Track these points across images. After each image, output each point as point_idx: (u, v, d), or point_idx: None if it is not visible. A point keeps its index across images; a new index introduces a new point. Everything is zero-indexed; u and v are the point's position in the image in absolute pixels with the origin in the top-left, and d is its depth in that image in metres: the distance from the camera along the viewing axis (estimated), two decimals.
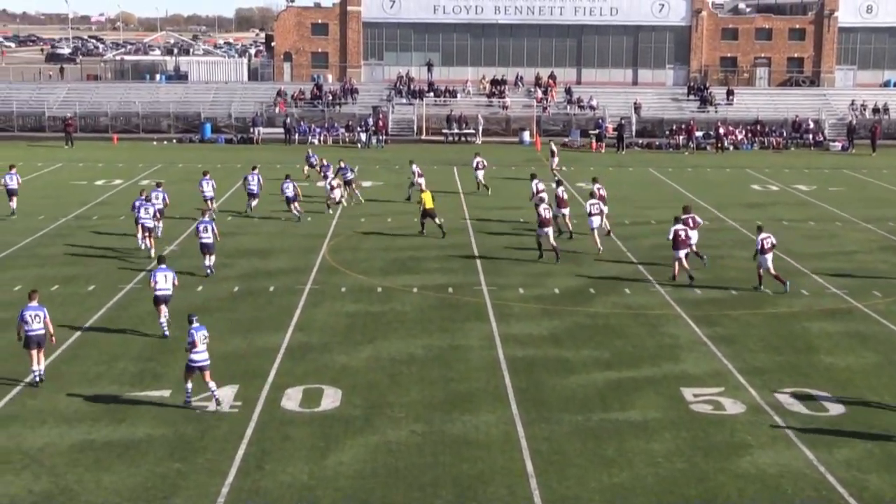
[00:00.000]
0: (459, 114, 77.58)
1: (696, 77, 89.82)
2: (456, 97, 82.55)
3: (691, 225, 34.71)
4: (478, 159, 51.46)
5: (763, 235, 32.04)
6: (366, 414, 21.83)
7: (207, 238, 33.95)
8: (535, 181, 42.82)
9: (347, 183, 47.82)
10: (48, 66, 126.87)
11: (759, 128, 77.09)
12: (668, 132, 76.57)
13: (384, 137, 73.48)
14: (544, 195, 39.79)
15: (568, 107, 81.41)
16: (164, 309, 27.22)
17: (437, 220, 40.23)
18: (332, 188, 45.96)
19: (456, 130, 76.05)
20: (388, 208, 46.39)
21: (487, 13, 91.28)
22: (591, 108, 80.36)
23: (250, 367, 24.66)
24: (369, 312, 29.66)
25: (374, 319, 28.93)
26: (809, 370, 25.04)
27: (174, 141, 75.01)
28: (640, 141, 75.85)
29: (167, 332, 26.97)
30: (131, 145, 72.10)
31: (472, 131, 76.09)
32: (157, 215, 38.52)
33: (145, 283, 32.25)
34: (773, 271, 32.06)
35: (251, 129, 75.65)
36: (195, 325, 22.17)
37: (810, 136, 76.57)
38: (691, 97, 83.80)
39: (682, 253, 33.10)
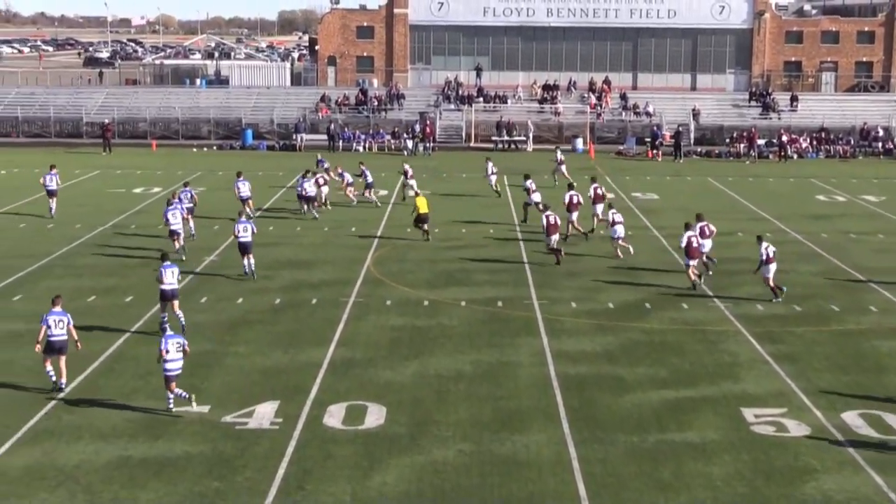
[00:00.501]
0: (509, 120, 77.53)
1: (758, 82, 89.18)
2: (506, 103, 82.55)
3: (707, 233, 35.78)
4: (490, 164, 54.03)
5: (765, 245, 32.56)
6: (411, 432, 21.83)
7: (246, 237, 34.84)
8: (529, 181, 46.06)
9: (368, 186, 49.58)
10: (86, 70, 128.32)
11: (824, 135, 76.34)
12: (728, 140, 76.02)
13: (431, 145, 73.61)
14: (537, 196, 43.95)
15: (623, 113, 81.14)
16: (171, 304, 28.53)
17: (425, 227, 41.47)
18: (349, 183, 49.25)
19: (506, 138, 75.99)
20: (434, 218, 46.44)
21: (539, 15, 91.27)
22: (648, 114, 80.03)
23: (291, 383, 24.76)
24: (415, 326, 29.69)
25: (421, 334, 28.96)
26: (879, 391, 24.74)
27: (214, 148, 75.55)
28: (699, 149, 75.36)
29: (183, 323, 28.40)
30: (170, 152, 72.70)
31: (522, 138, 76.01)
32: (187, 214, 39.67)
33: (184, 295, 32.51)
34: (772, 283, 32.47)
35: (294, 136, 75.99)
36: (168, 332, 23.32)
37: (879, 145, 75.69)
38: (753, 103, 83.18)
39: (694, 262, 34.11)
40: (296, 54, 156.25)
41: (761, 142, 74.32)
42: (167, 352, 22.70)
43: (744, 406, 23.53)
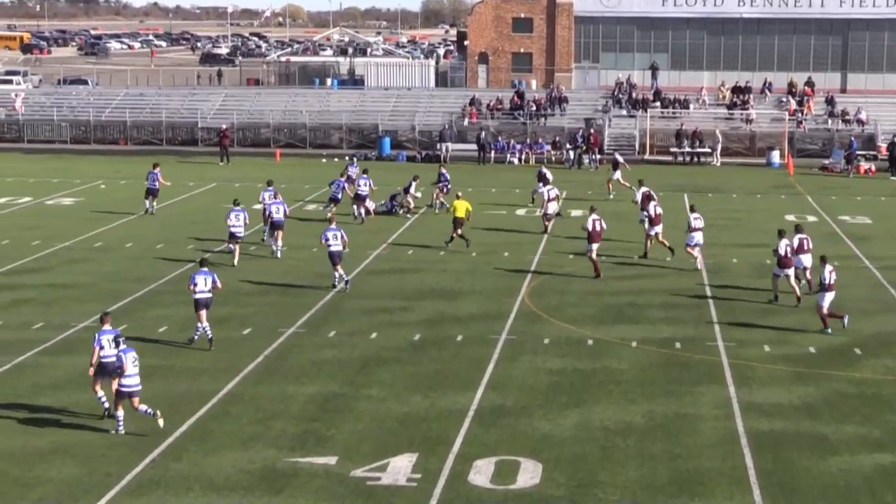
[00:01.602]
0: (692, 128, 76.89)
1: None
2: (688, 108, 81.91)
3: (805, 248, 37.07)
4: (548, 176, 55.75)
5: (829, 268, 33.23)
6: (571, 494, 21.72)
7: (336, 246, 37.75)
8: (546, 187, 49.52)
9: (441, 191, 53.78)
10: (203, 68, 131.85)
11: None
12: None
13: (598, 157, 73.37)
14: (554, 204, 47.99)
15: (829, 121, 79.72)
16: (203, 314, 30.70)
17: (460, 231, 44.25)
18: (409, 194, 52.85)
19: (687, 149, 75.36)
20: (603, 244, 46.22)
21: (728, 5, 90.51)
22: (860, 122, 78.46)
23: (432, 433, 24.85)
24: (577, 370, 29.57)
25: (584, 379, 28.82)
26: None
27: (346, 158, 76.50)
28: None
29: (198, 336, 30.91)
30: (297, 162, 73.94)
31: (707, 150, 75.28)
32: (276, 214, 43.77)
33: (309, 328, 33.04)
34: (825, 310, 33.23)
35: (438, 145, 76.61)
36: (123, 346, 24.38)
37: None
38: None
39: (787, 271, 36.07)
40: (441, 51, 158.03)
41: None
42: (123, 368, 24.12)
43: None
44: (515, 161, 74.83)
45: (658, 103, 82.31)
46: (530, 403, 26.90)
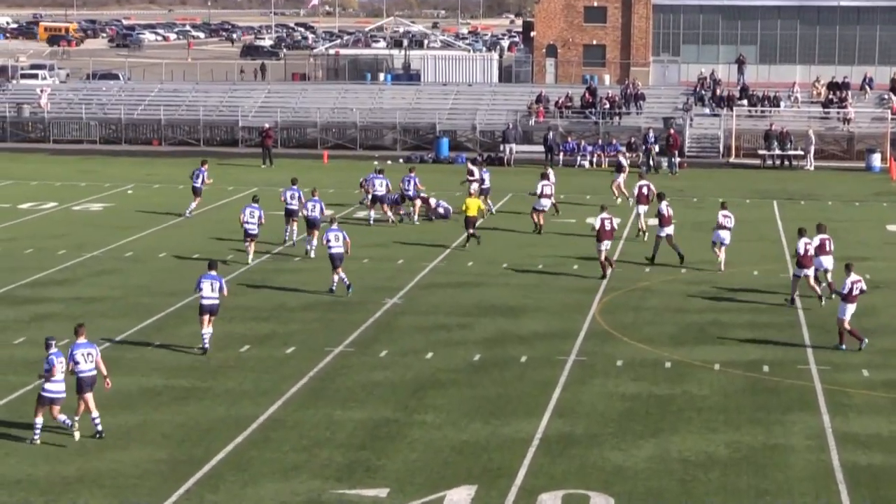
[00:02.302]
0: (782, 129, 76.48)
1: None
2: (778, 106, 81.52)
3: (826, 249, 38.57)
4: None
5: (852, 278, 33.62)
6: None
7: (338, 248, 39.11)
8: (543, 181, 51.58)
9: (484, 192, 54.23)
10: (244, 62, 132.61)
11: None
12: None
13: (678, 160, 73.11)
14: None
15: None
16: (206, 320, 32.25)
17: (472, 230, 46.66)
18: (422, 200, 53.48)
19: (777, 151, 74.99)
20: (685, 255, 46.14)
21: None
22: None
23: (493, 464, 24.87)
24: (654, 395, 29.51)
25: (661, 405, 28.76)
26: None
27: (401, 160, 76.61)
28: None
29: (207, 346, 32.22)
30: (346, 165, 74.07)
31: (799, 152, 74.87)
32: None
33: (359, 347, 33.16)
34: (847, 325, 33.60)
35: (501, 147, 76.63)
36: (53, 350, 25.33)
37: None
38: None
39: (807, 271, 37.70)
40: (506, 43, 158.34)
41: None
42: (52, 372, 25.26)
43: None
44: (586, 164, 74.78)
45: (745, 101, 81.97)
46: (601, 432, 26.87)
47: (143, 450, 25.22)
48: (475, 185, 53.23)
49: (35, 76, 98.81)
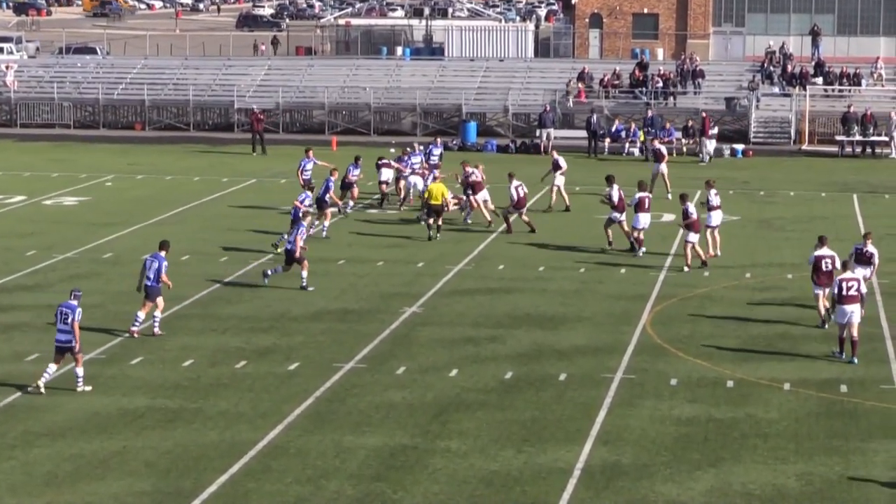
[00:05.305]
0: (864, 111, 76.27)
1: None
2: (859, 85, 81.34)
3: (867, 258, 37.46)
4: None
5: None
6: None
7: (292, 245, 40.74)
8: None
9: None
10: (240, 33, 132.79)
11: None
12: None
13: (713, 146, 72.67)
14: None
15: None
16: (150, 305, 35.13)
17: (436, 222, 48.34)
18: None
19: (858, 137, 74.76)
20: (749, 257, 46.07)
21: None
22: None
23: (527, 497, 24.91)
24: (713, 419, 29.48)
25: (722, 430, 28.74)
26: None
27: (419, 147, 76.67)
28: None
29: (157, 330, 35.00)
30: (358, 152, 73.57)
31: (884, 138, 74.65)
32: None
33: (372, 363, 33.14)
34: (855, 332, 33.75)
35: (537, 132, 76.43)
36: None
37: None
38: None
39: (822, 291, 36.48)
40: (543, 11, 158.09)
41: None
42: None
43: None
44: (636, 151, 74.14)
45: (820, 78, 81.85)
46: (652, 461, 26.87)
47: (122, 480, 25.27)
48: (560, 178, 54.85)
49: (0, 50, 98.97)
